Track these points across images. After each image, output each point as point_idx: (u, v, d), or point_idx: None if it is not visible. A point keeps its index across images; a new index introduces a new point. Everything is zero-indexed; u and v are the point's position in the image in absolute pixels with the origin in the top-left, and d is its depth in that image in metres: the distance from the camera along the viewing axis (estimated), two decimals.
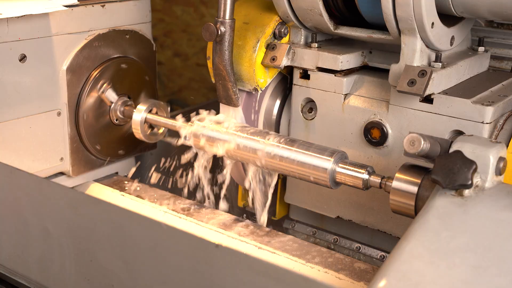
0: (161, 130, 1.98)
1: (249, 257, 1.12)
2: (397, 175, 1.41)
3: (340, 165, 1.53)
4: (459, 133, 1.55)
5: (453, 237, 1.09)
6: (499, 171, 1.21)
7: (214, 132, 1.71)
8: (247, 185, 1.77)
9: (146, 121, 1.90)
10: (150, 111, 1.91)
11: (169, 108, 1.98)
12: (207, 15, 3.60)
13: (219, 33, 1.65)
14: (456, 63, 1.63)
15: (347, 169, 1.52)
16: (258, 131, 1.67)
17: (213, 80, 1.78)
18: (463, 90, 1.60)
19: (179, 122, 1.80)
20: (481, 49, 1.75)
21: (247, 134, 1.67)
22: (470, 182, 1.16)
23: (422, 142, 1.26)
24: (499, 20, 1.84)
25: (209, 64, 1.78)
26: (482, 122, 1.51)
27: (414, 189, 1.38)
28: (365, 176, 1.49)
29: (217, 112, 1.82)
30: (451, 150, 1.22)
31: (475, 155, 1.19)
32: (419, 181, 1.37)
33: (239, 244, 1.66)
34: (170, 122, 1.85)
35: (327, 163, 1.53)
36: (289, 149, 1.59)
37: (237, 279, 1.14)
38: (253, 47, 1.73)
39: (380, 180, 1.47)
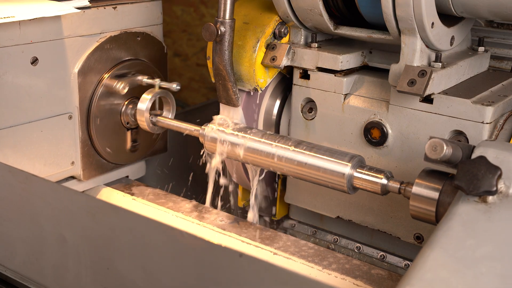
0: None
1: (273, 267, 1.09)
2: (417, 180, 1.38)
3: (358, 170, 1.51)
4: (459, 133, 1.55)
5: (478, 245, 1.06)
6: None
7: (229, 136, 1.70)
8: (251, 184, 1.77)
9: (151, 109, 1.87)
10: (155, 101, 1.88)
11: (157, 80, 1.93)
12: (207, 15, 3.60)
13: (219, 33, 1.65)
14: (456, 63, 1.63)
15: (365, 174, 1.50)
16: (273, 135, 1.66)
17: (213, 80, 1.78)
18: (463, 90, 1.60)
19: (191, 126, 1.79)
20: (481, 49, 1.75)
21: (263, 138, 1.65)
22: (495, 188, 1.13)
23: (445, 147, 1.23)
24: (499, 20, 1.84)
25: (209, 64, 1.78)
26: (482, 122, 1.51)
27: (435, 195, 1.35)
28: (384, 181, 1.47)
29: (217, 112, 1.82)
30: (473, 156, 1.19)
31: (499, 161, 1.16)
32: (440, 187, 1.34)
33: (261, 252, 1.64)
34: (183, 125, 1.83)
35: (345, 168, 1.52)
36: (306, 154, 1.58)
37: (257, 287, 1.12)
38: (253, 47, 1.73)
39: (399, 186, 1.45)
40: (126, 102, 1.95)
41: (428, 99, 1.58)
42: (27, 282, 1.50)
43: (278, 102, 1.89)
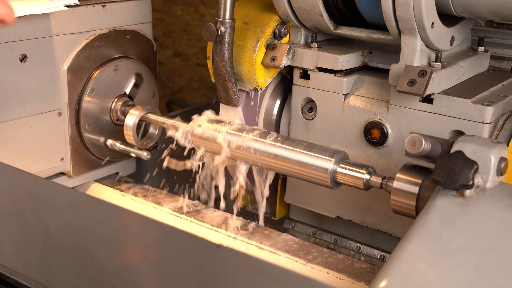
0: (153, 137, 1.99)
1: (250, 258, 1.12)
2: (398, 175, 1.40)
3: (341, 165, 1.53)
4: (459, 133, 1.55)
5: (454, 238, 1.09)
6: (500, 172, 1.21)
7: (213, 132, 1.71)
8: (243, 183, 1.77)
9: (139, 124, 1.90)
10: (142, 117, 1.90)
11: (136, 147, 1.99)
12: (207, 15, 3.60)
13: (219, 33, 1.65)
14: (456, 63, 1.63)
15: (348, 169, 1.51)
16: (258, 131, 1.67)
17: (213, 80, 1.78)
18: (463, 90, 1.60)
19: (178, 122, 1.80)
20: (481, 49, 1.75)
21: (247, 134, 1.67)
22: (471, 182, 1.16)
23: (423, 142, 1.26)
24: (499, 20, 1.84)
25: (209, 64, 1.78)
26: (482, 122, 1.52)
27: (415, 189, 1.37)
28: (366, 176, 1.49)
29: (217, 112, 1.82)
30: (452, 151, 1.22)
31: (476, 156, 1.19)
32: (420, 181, 1.37)
33: (240, 245, 1.66)
34: (170, 122, 1.85)
35: (328, 163, 1.53)
36: (289, 149, 1.59)
37: (239, 280, 1.14)
38: (253, 47, 1.73)
39: (381, 181, 1.47)
40: (115, 99, 1.96)
41: (428, 99, 1.58)
42: (14, 275, 1.53)
43: (278, 102, 1.89)
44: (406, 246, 1.09)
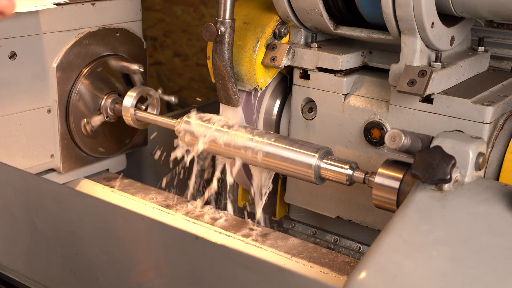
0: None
1: (231, 250, 1.14)
2: (379, 170, 1.42)
3: (324, 161, 1.55)
4: None
5: (431, 231, 1.12)
6: (478, 166, 1.23)
7: (200, 128, 1.72)
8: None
9: (136, 107, 1.92)
10: (141, 97, 1.92)
11: (159, 90, 2.00)
12: (207, 15, 3.60)
13: (219, 33, 1.65)
14: (456, 63, 1.63)
15: (331, 164, 1.54)
16: (245, 128, 1.68)
17: (213, 80, 1.78)
18: (463, 90, 1.60)
19: (168, 120, 1.82)
20: (481, 49, 1.75)
21: (233, 130, 1.68)
22: (449, 176, 1.18)
23: (403, 137, 1.29)
24: (499, 20, 1.84)
25: (209, 64, 1.78)
26: (482, 122, 1.52)
27: (396, 184, 1.39)
28: (349, 171, 1.51)
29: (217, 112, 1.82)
30: (431, 146, 1.24)
31: (455, 151, 1.21)
32: (401, 176, 1.39)
33: (222, 237, 1.68)
34: (160, 119, 1.87)
35: (312, 159, 1.55)
36: (274, 145, 1.62)
37: (219, 272, 1.16)
38: (253, 47, 1.73)
39: (363, 176, 1.49)
40: (105, 96, 1.97)
41: (428, 99, 1.58)
42: (2, 269, 1.55)
43: (278, 102, 1.89)
44: (384, 238, 1.12)
